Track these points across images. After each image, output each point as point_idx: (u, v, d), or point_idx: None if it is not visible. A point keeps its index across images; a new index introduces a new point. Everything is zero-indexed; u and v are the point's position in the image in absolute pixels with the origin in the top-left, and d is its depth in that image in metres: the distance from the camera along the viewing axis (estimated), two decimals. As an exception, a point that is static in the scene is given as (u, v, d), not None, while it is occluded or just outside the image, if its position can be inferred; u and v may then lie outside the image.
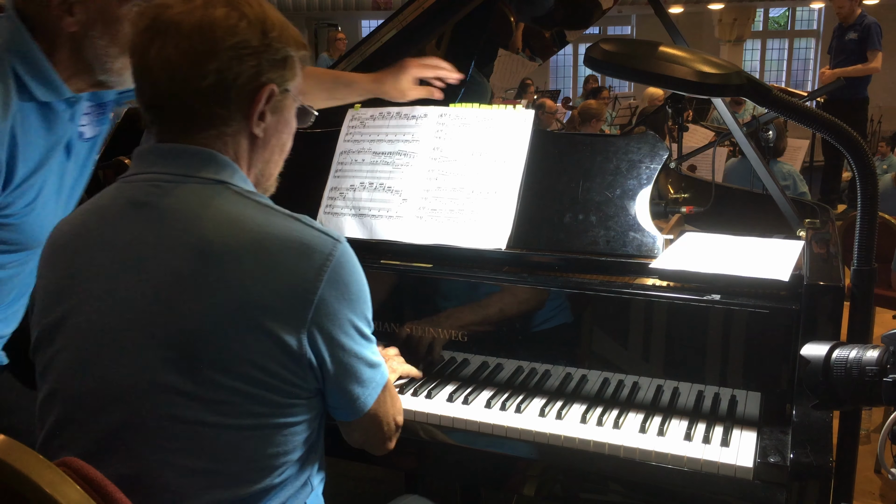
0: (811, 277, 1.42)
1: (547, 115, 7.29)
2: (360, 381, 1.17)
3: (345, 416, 1.21)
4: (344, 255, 1.11)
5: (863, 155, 1.16)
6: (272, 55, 1.12)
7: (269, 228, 1.08)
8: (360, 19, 14.61)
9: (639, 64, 1.16)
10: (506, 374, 1.66)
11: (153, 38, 1.08)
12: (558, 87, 13.62)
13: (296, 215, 1.12)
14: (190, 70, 1.07)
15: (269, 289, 1.05)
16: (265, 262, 1.06)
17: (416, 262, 1.72)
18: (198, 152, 1.11)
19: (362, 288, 1.15)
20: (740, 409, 1.49)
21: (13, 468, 0.91)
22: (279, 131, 1.20)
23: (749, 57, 14.80)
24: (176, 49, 1.06)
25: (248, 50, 1.09)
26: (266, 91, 1.12)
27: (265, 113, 1.15)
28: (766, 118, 2.80)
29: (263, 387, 1.07)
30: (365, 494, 2.37)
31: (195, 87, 1.08)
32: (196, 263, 1.05)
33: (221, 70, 1.08)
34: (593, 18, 2.91)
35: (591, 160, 1.75)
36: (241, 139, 1.15)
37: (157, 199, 1.09)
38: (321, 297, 1.08)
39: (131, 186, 1.13)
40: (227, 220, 1.08)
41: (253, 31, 1.10)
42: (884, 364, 0.98)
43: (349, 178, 1.85)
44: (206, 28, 1.07)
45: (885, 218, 3.62)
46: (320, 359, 1.10)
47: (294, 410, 1.12)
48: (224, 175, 1.12)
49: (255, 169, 1.20)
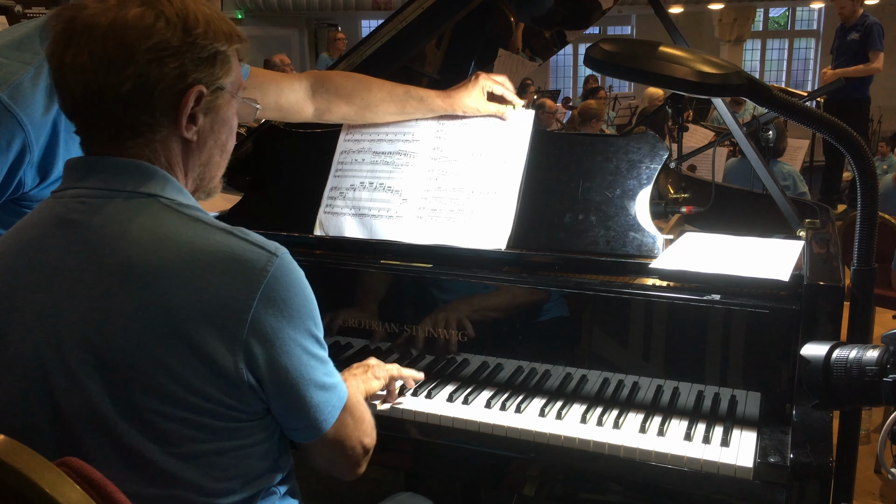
0: (811, 277, 1.42)
1: (547, 115, 7.29)
2: (310, 404, 1.10)
3: (300, 437, 1.14)
4: (281, 269, 1.04)
5: (863, 155, 1.16)
6: (197, 53, 1.04)
7: (197, 243, 1.02)
8: (360, 19, 14.60)
9: (639, 64, 1.16)
10: (506, 374, 1.66)
11: (68, 43, 1.01)
12: (558, 87, 13.62)
13: (231, 228, 1.06)
14: (106, 77, 1.00)
15: (197, 309, 0.99)
16: (191, 281, 1.00)
17: (416, 262, 1.72)
18: (125, 165, 1.06)
19: (304, 303, 1.07)
20: (740, 409, 1.49)
21: (13, 468, 0.91)
22: (216, 132, 1.13)
23: (749, 57, 14.79)
24: (90, 56, 1.00)
25: (167, 51, 1.02)
26: (193, 93, 1.05)
27: (196, 115, 1.08)
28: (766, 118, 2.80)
29: (200, 412, 1.02)
30: (365, 494, 2.37)
31: (113, 95, 1.01)
32: (121, 286, 1.00)
33: (140, 74, 1.01)
34: (593, 18, 2.91)
35: (591, 160, 1.75)
36: (173, 145, 1.08)
37: (86, 218, 1.04)
38: (255, 316, 1.01)
39: (61, 203, 1.07)
40: (152, 238, 1.02)
41: (172, 30, 1.02)
42: (884, 364, 0.98)
43: (349, 178, 1.85)
44: (120, 31, 1.00)
45: (885, 218, 3.62)
46: (261, 381, 1.04)
47: (240, 433, 1.07)
48: (153, 187, 1.06)
49: (193, 174, 1.13)
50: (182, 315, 0.99)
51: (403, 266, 1.72)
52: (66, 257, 1.04)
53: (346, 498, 2.56)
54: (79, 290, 1.02)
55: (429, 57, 2.49)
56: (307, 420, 1.11)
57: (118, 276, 1.01)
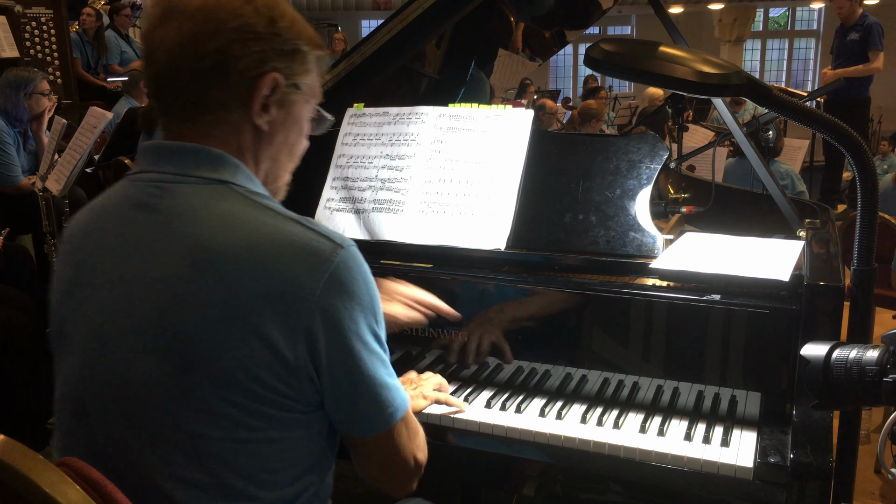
0: (811, 277, 1.42)
1: (548, 116, 7.28)
2: (368, 399, 1.09)
3: (350, 430, 1.13)
4: (347, 260, 1.05)
5: (863, 155, 1.16)
6: (279, 45, 1.09)
7: (266, 230, 1.04)
8: (360, 19, 14.61)
9: (639, 64, 1.16)
10: (506, 374, 1.66)
11: (161, 21, 1.07)
12: (558, 87, 13.62)
13: (300, 218, 1.08)
14: (189, 50, 1.05)
15: (264, 294, 1.01)
16: (259, 266, 1.01)
17: (415, 263, 1.72)
18: (198, 150, 1.09)
19: (368, 297, 1.08)
20: (740, 409, 1.49)
21: (13, 468, 0.91)
22: (286, 128, 1.15)
23: (749, 57, 14.79)
24: (178, 30, 1.05)
25: (251, 34, 1.06)
26: (269, 79, 1.08)
27: (269, 105, 1.10)
28: (766, 118, 2.80)
29: (256, 398, 1.03)
30: (365, 494, 2.37)
31: (193, 68, 1.05)
32: (191, 268, 1.02)
33: (221, 52, 1.05)
34: (593, 18, 2.91)
35: (590, 160, 1.75)
36: (244, 131, 1.11)
37: (159, 201, 1.07)
38: (319, 304, 1.02)
39: (135, 186, 1.11)
40: (223, 221, 1.04)
41: (259, 17, 1.07)
42: (884, 364, 0.97)
43: (349, 179, 1.85)
44: (210, 9, 1.05)
45: (885, 218, 3.62)
46: (319, 370, 1.05)
47: (290, 425, 1.07)
48: (225, 174, 1.08)
49: (264, 165, 1.15)
50: (249, 299, 1.01)
51: (403, 266, 1.72)
52: (138, 238, 1.07)
53: (347, 498, 2.56)
54: (148, 270, 1.05)
55: (429, 57, 2.50)
56: (362, 414, 1.11)
57: (189, 257, 1.03)
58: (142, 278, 1.05)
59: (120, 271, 1.07)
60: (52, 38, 6.44)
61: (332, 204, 1.85)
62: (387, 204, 1.79)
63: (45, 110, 4.34)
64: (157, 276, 1.04)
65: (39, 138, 4.37)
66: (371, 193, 1.82)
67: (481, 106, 1.84)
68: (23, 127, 4.28)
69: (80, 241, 1.14)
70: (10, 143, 4.16)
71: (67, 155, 3.64)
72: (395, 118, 1.88)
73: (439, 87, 2.58)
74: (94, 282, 1.09)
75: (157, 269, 1.05)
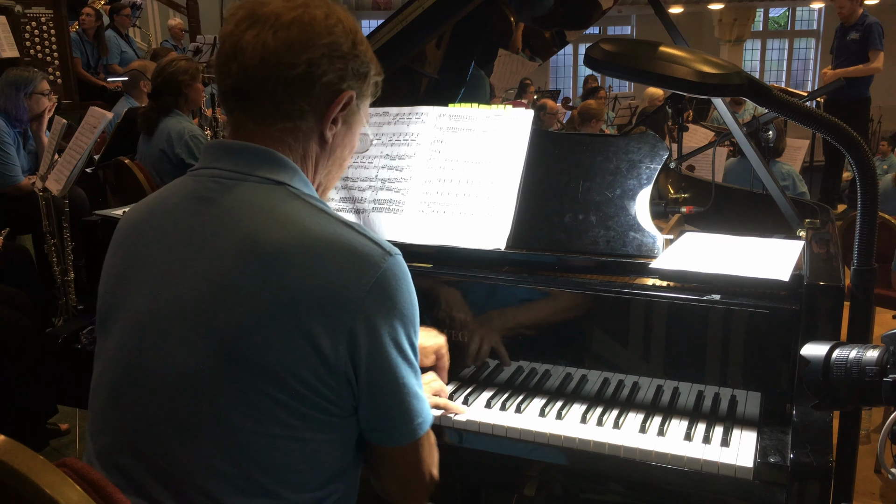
0: (811, 277, 1.42)
1: (548, 116, 7.29)
2: (400, 408, 1.11)
3: (379, 438, 1.15)
4: (393, 268, 1.09)
5: (863, 155, 1.16)
6: (357, 66, 1.16)
7: (318, 231, 1.07)
8: (360, 19, 14.60)
9: (639, 64, 1.16)
10: (506, 374, 1.66)
11: (250, 25, 1.11)
12: (558, 87, 13.62)
13: (351, 223, 1.11)
14: (284, 56, 1.09)
15: (311, 293, 1.03)
16: (310, 266, 1.04)
17: (415, 262, 1.72)
18: (260, 151, 1.13)
19: (409, 306, 1.11)
20: (740, 409, 1.49)
21: (13, 468, 0.91)
22: (344, 143, 1.22)
23: (749, 57, 14.80)
24: (274, 35, 1.09)
25: (338, 53, 1.13)
26: (346, 96, 1.15)
27: (338, 120, 1.17)
28: (767, 118, 2.80)
29: (295, 396, 1.04)
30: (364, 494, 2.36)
31: (284, 74, 1.10)
32: (243, 261, 1.05)
33: (312, 63, 1.11)
34: (593, 18, 2.91)
35: (591, 160, 1.75)
36: (312, 141, 1.17)
37: (217, 196, 1.11)
38: (363, 307, 1.05)
39: (196, 181, 1.15)
40: (278, 219, 1.07)
41: (346, 38, 1.14)
42: (884, 364, 0.97)
43: (349, 179, 1.85)
44: (307, 23, 1.11)
45: (885, 218, 3.61)
46: (357, 373, 1.07)
47: (324, 427, 1.09)
48: (283, 176, 1.12)
49: (320, 176, 1.21)
50: (297, 297, 1.03)
51: (403, 266, 1.72)
52: (192, 229, 1.10)
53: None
54: (201, 260, 1.08)
55: (429, 57, 2.50)
56: (393, 422, 1.13)
57: (242, 251, 1.06)
58: (193, 269, 1.08)
59: (171, 260, 1.10)
60: (52, 38, 6.44)
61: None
62: (387, 204, 1.79)
63: (45, 110, 4.34)
64: (208, 267, 1.07)
65: (39, 138, 4.37)
66: (371, 193, 1.82)
67: (481, 106, 1.84)
68: (23, 127, 4.28)
69: (134, 232, 1.17)
70: (10, 143, 4.16)
71: (67, 155, 3.64)
72: (395, 118, 1.88)
73: (439, 87, 2.58)
74: (146, 269, 1.12)
75: (209, 261, 1.07)
